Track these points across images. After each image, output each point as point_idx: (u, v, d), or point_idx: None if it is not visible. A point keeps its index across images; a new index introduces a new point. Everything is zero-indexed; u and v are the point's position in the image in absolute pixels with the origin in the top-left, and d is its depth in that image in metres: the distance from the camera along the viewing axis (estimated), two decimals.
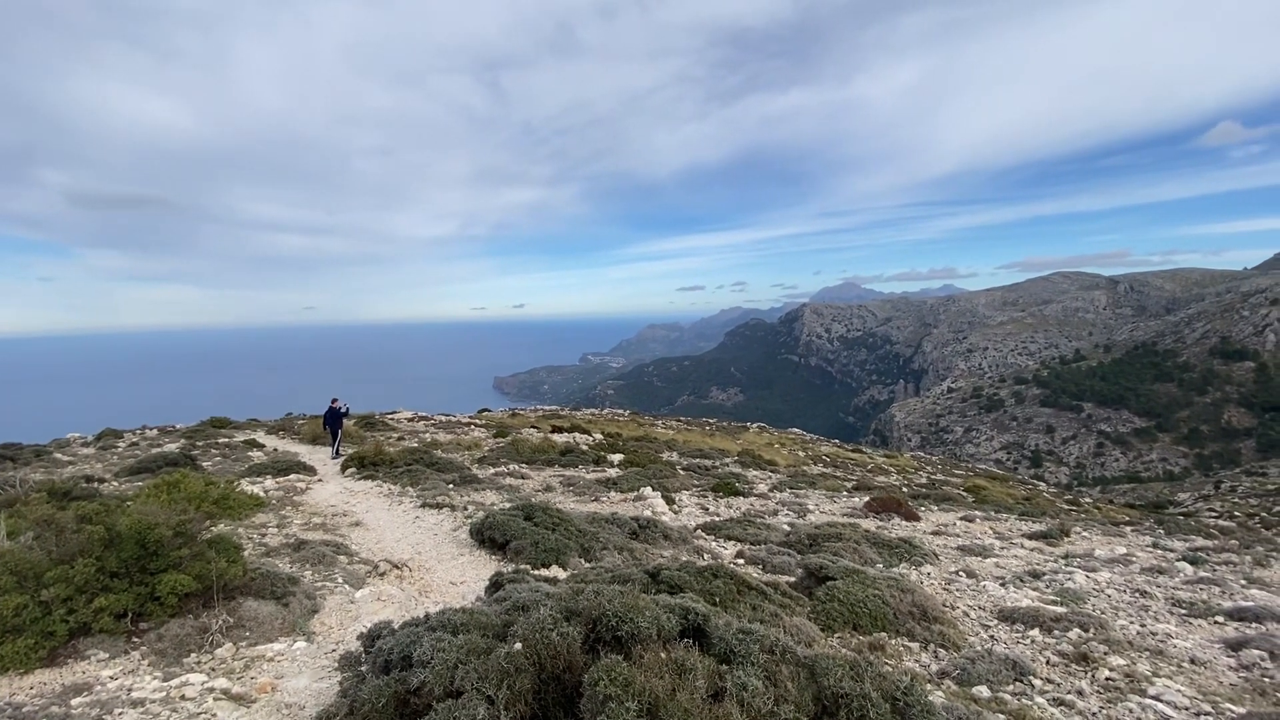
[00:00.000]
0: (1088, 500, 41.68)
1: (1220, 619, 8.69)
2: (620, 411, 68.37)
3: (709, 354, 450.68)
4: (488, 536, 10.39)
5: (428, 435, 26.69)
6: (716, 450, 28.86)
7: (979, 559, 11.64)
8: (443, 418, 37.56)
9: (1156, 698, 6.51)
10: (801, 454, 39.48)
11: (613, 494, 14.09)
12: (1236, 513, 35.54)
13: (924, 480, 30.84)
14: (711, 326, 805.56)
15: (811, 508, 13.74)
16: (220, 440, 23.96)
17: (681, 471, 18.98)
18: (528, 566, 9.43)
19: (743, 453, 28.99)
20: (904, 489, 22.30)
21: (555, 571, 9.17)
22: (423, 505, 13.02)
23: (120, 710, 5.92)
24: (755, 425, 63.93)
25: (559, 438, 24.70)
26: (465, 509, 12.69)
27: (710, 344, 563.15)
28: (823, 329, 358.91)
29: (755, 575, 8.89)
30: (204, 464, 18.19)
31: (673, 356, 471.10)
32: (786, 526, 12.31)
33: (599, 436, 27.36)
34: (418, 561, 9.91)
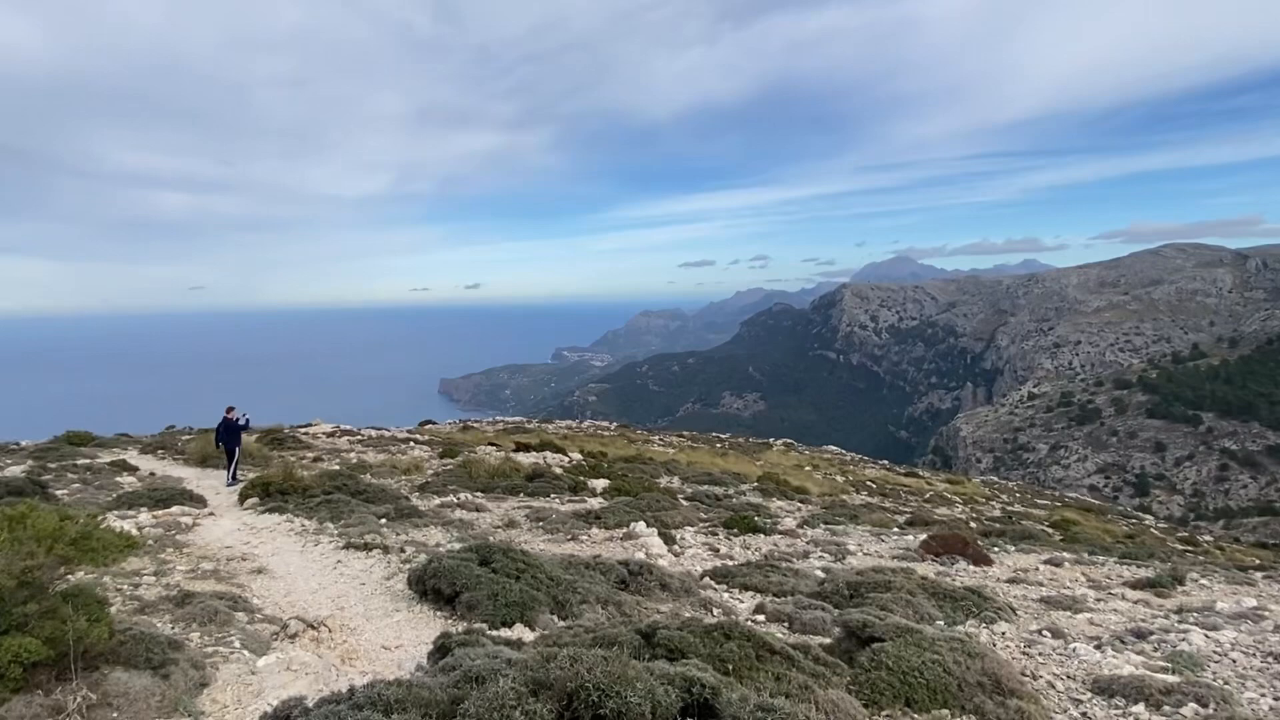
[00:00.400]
0: (1207, 539, 42.14)
1: None
2: (605, 424, 68.31)
3: (720, 349, 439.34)
4: (432, 587, 10.41)
5: (353, 455, 26.65)
6: (730, 474, 29.11)
7: (1068, 614, 11.70)
8: (373, 432, 37.77)
9: None
10: (840, 479, 39.93)
11: (595, 531, 14.13)
12: None
13: (997, 513, 31.06)
14: (723, 314, 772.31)
15: (853, 548, 13.79)
16: (80, 462, 23.86)
17: (685, 502, 18.99)
18: (484, 625, 9.45)
19: (764, 477, 29.17)
20: (971, 524, 22.41)
21: (520, 632, 9.20)
22: (346, 546, 12.99)
23: None
24: (780, 442, 64.41)
25: (525, 458, 24.87)
26: (402, 551, 12.67)
27: (722, 336, 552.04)
28: (867, 317, 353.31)
29: (780, 636, 8.91)
30: (58, 492, 18.09)
31: (673, 353, 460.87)
32: (820, 573, 12.32)
33: (577, 457, 27.56)
34: (340, 619, 9.87)
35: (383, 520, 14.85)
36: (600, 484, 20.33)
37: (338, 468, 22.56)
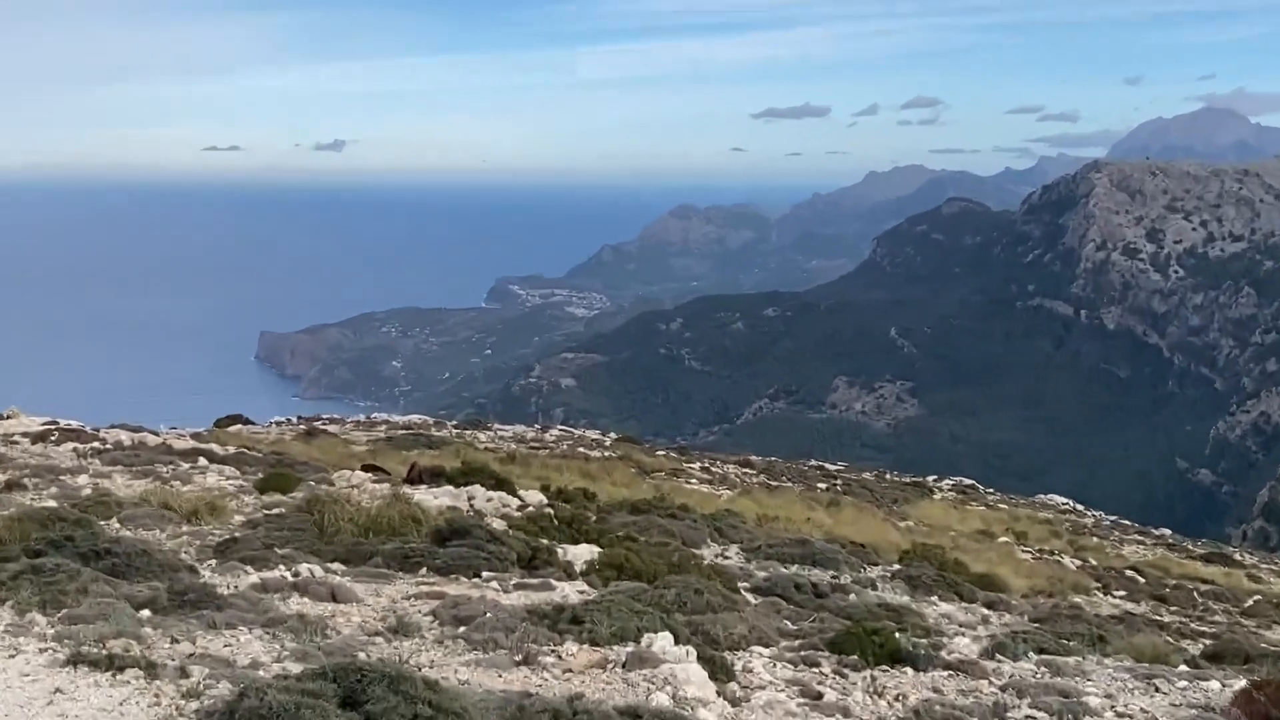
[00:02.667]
0: None
1: None
2: (591, 434, 45.18)
3: (831, 289, 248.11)
4: None
5: (86, 480, 17.42)
6: (846, 545, 18.36)
7: None
8: (126, 437, 23.71)
9: None
10: (1069, 561, 24.74)
11: (572, 647, 8.01)
12: None
13: None
14: (841, 216, 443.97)
15: (1096, 703, 7.65)
16: None
17: (751, 596, 12.38)
18: None
19: (915, 553, 18.51)
20: None
21: None
22: (74, 660, 7.21)
23: None
24: (949, 484, 42.49)
25: (432, 498, 17.09)
26: (184, 675, 6.80)
27: (836, 263, 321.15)
28: (1141, 230, 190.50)
29: None
30: None
31: (734, 295, 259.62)
32: None
33: (536, 498, 19.04)
34: None
35: (145, 611, 8.56)
36: (583, 553, 13.39)
37: (53, 505, 14.39)
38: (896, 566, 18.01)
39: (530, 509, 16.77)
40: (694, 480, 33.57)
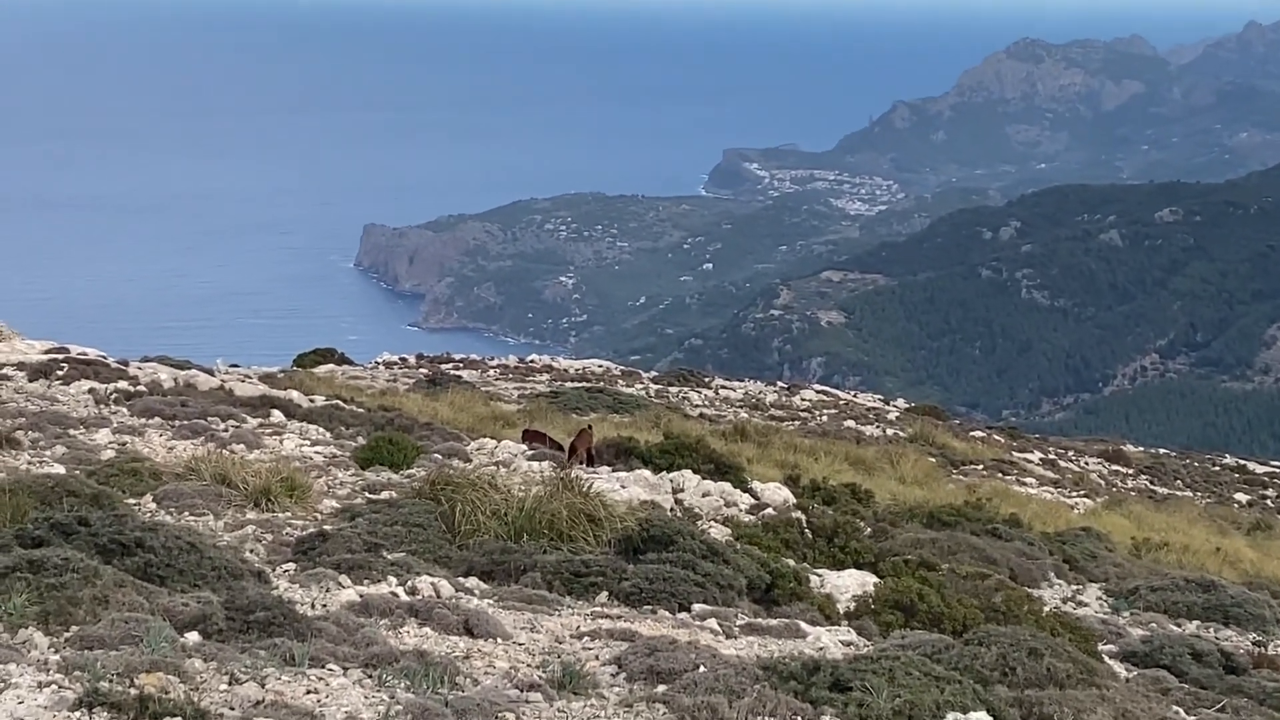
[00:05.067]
0: None
1: None
2: (871, 399, 35.08)
3: (1274, 178, 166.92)
4: None
5: (105, 437, 13.99)
6: None
7: None
8: (168, 375, 19.38)
9: None
10: None
11: None
12: None
13: None
14: None
15: None
16: None
17: (1121, 668, 9.10)
18: None
19: None
20: None
21: None
22: (86, 703, 5.32)
23: None
24: None
25: (617, 485, 13.01)
26: None
27: None
28: None
29: None
30: None
31: (1108, 185, 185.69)
32: None
33: (778, 494, 14.18)
34: None
35: (192, 635, 6.75)
36: (850, 583, 10.20)
37: (59, 471, 10.98)
38: None
39: (769, 511, 13.19)
40: (1031, 480, 25.35)
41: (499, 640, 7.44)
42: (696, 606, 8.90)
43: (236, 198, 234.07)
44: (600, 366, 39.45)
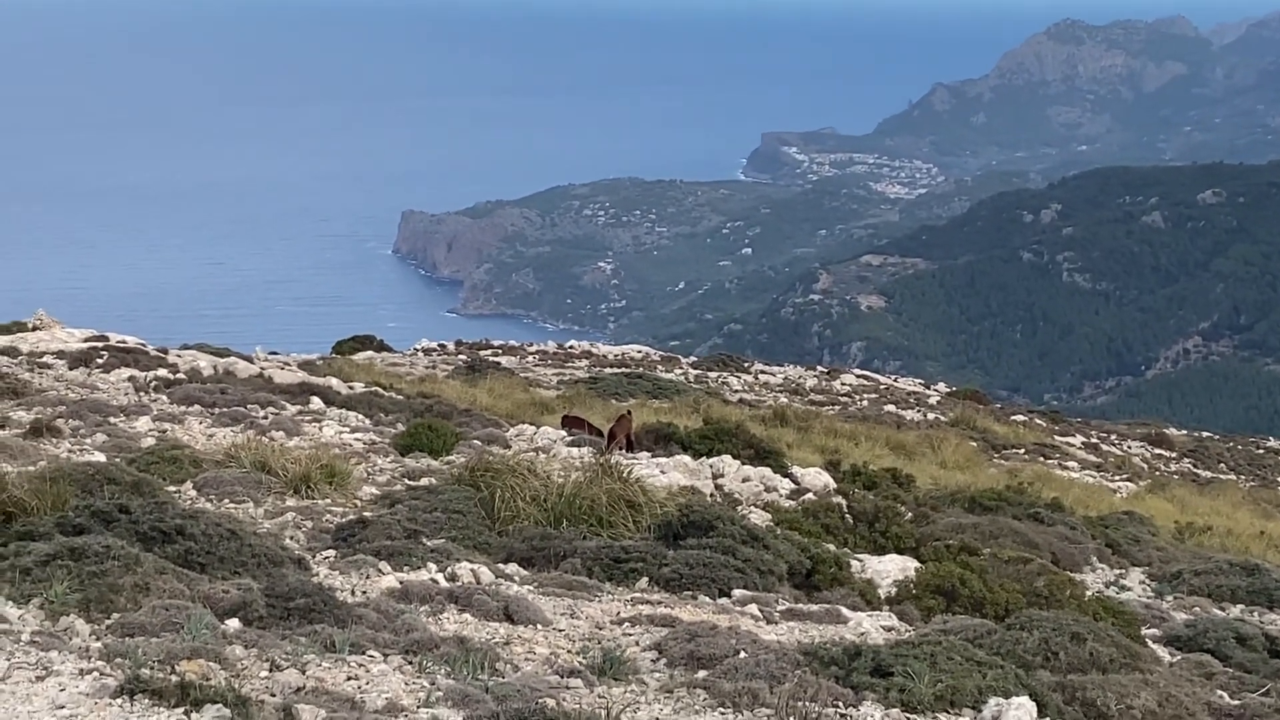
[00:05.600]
0: None
1: None
2: (912, 384, 34.51)
3: None
4: None
5: (145, 425, 13.86)
6: None
7: None
8: (208, 363, 19.67)
9: None
10: None
11: (874, 709, 5.98)
12: None
13: None
14: None
15: None
16: None
17: (1164, 652, 9.19)
18: None
19: None
20: None
21: None
22: (128, 690, 5.16)
23: None
24: None
25: (658, 470, 13.06)
26: (286, 716, 5.04)
27: None
28: None
29: None
30: None
31: (1150, 167, 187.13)
32: None
33: (819, 479, 13.45)
34: None
35: (233, 622, 6.64)
36: (891, 568, 10.11)
37: (100, 459, 11.16)
38: None
39: (810, 496, 13.14)
40: (1073, 464, 25.43)
41: (539, 626, 7.45)
42: (737, 592, 8.89)
43: (275, 185, 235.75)
44: (639, 352, 39.64)
